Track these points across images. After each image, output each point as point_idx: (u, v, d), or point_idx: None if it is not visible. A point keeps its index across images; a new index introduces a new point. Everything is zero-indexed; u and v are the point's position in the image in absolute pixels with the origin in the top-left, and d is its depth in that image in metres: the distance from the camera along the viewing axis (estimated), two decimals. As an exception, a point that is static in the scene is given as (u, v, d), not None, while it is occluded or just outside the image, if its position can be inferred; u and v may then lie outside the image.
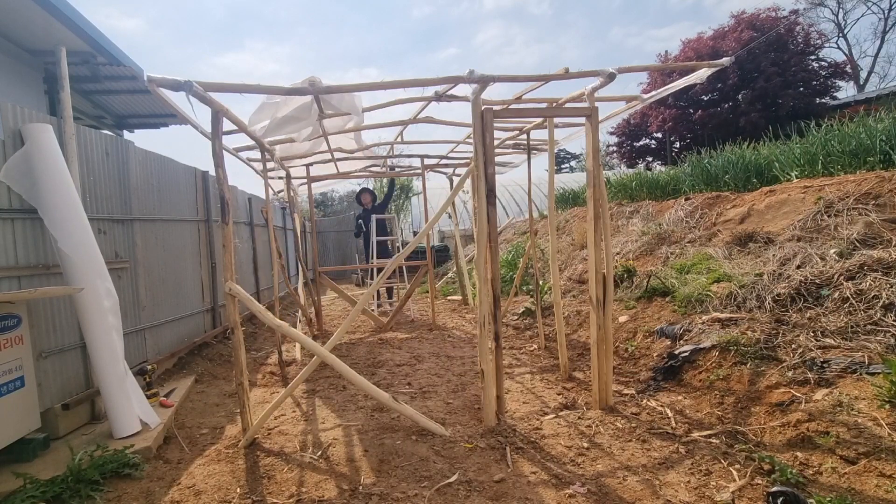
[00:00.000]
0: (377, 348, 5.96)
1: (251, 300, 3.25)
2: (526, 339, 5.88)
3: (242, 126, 3.97)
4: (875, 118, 6.52)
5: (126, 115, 8.03)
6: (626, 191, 9.60)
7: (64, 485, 2.64)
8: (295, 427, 3.60)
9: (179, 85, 2.81)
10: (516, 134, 5.50)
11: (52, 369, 3.37)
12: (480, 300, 3.29)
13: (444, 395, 4.14)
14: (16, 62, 5.51)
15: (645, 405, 3.55)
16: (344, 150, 5.84)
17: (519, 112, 4.49)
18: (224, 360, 5.57)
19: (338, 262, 16.99)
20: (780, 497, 2.21)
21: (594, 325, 3.53)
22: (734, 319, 3.98)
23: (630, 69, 3.65)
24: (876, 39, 28.59)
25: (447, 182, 9.13)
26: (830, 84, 19.44)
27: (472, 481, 2.66)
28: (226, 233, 3.23)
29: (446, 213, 9.03)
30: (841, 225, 4.40)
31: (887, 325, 3.16)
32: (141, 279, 4.55)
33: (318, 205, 26.48)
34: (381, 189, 17.65)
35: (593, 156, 3.52)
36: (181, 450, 3.31)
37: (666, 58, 21.88)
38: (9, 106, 3.16)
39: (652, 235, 6.72)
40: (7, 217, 3.11)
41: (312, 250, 7.42)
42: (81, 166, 3.70)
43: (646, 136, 23.82)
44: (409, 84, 3.29)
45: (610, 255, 3.66)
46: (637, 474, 2.64)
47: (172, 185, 5.33)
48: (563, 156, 37.23)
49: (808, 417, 2.75)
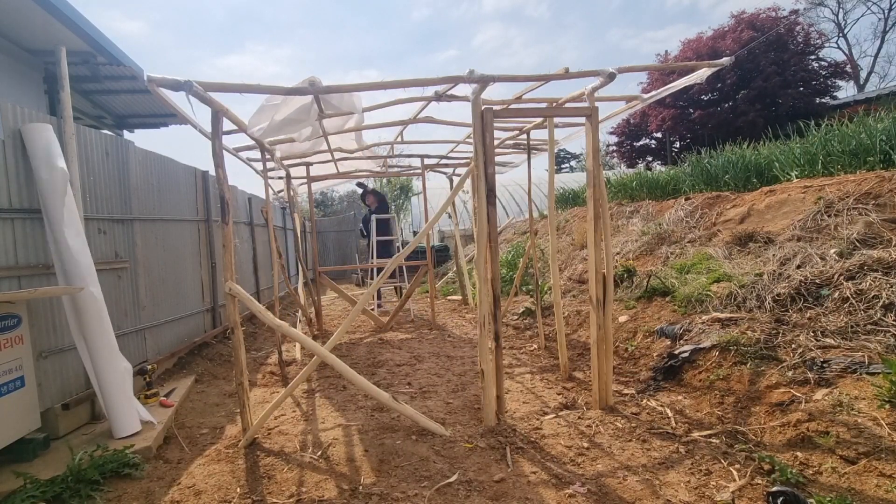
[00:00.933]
0: (377, 348, 5.96)
1: (251, 300, 3.25)
2: (526, 339, 5.88)
3: (242, 126, 3.97)
4: (875, 118, 6.52)
5: (126, 114, 8.03)
6: (626, 191, 9.60)
7: (64, 484, 2.64)
8: (295, 427, 3.60)
9: (179, 85, 2.81)
10: (516, 134, 5.50)
11: (52, 369, 3.37)
12: (480, 300, 3.29)
13: (444, 394, 4.14)
14: (16, 62, 5.51)
15: (645, 405, 3.55)
16: (344, 150, 5.84)
17: (519, 112, 4.49)
18: (224, 360, 5.57)
19: (338, 262, 16.98)
20: (780, 497, 2.21)
21: (594, 325, 3.53)
22: (734, 319, 3.98)
23: (630, 69, 3.65)
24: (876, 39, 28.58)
25: (447, 182, 9.13)
26: (830, 84, 19.43)
27: (472, 481, 2.66)
28: (226, 233, 3.23)
29: (446, 213, 9.03)
30: (841, 225, 4.40)
31: (887, 325, 3.16)
32: (141, 279, 4.55)
33: (318, 205, 26.49)
34: (380, 189, 17.66)
35: (593, 156, 3.52)
36: (181, 449, 3.31)
37: (666, 57, 21.87)
38: (9, 106, 3.16)
39: (652, 235, 6.73)
40: (7, 217, 3.10)
41: (312, 250, 7.43)
42: (81, 166, 3.70)
43: (646, 136, 23.81)
44: (409, 84, 3.29)
45: (610, 255, 3.66)
46: (637, 474, 2.64)
47: (172, 184, 5.33)
48: (563, 156, 37.24)
49: (808, 417, 2.75)
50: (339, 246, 17.45)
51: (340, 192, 29.79)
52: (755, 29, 19.00)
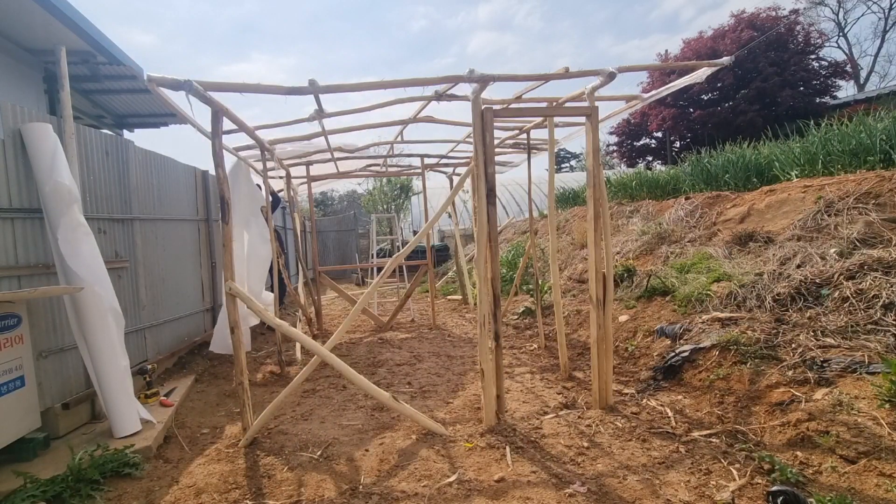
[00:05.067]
0: (377, 348, 5.97)
1: (251, 299, 3.25)
2: (526, 339, 5.88)
3: (242, 125, 3.97)
4: (875, 117, 6.51)
5: (126, 114, 8.03)
6: (626, 190, 9.60)
7: (64, 484, 2.64)
8: (295, 426, 3.60)
9: (179, 84, 2.81)
10: (516, 133, 5.50)
11: (52, 368, 3.37)
12: (480, 299, 3.29)
13: (444, 394, 4.14)
14: (16, 62, 5.51)
15: (645, 405, 3.55)
16: (344, 149, 5.84)
17: (519, 111, 4.49)
18: (224, 360, 5.57)
19: (337, 261, 16.98)
20: (780, 496, 2.21)
21: (594, 325, 3.53)
22: (734, 319, 3.98)
23: (630, 68, 3.65)
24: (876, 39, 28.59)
25: (447, 181, 9.12)
26: (830, 83, 19.41)
27: (471, 480, 2.66)
28: (226, 232, 3.23)
29: (446, 213, 9.02)
30: (841, 224, 4.40)
31: (887, 325, 3.16)
32: (141, 279, 4.55)
33: (318, 204, 26.48)
34: (380, 189, 17.62)
35: (593, 155, 3.52)
36: (181, 449, 3.31)
37: (666, 57, 21.85)
38: (9, 105, 3.16)
39: (652, 235, 6.72)
40: (7, 217, 3.10)
41: (312, 250, 7.42)
42: (81, 166, 3.70)
43: (646, 136, 23.78)
44: (409, 83, 3.29)
45: (610, 255, 3.66)
46: (637, 473, 2.64)
47: (172, 184, 5.33)
48: (563, 155, 37.21)
49: (808, 417, 2.75)
50: (339, 245, 17.45)
51: (340, 191, 29.82)
52: (755, 28, 18.98)
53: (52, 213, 3.19)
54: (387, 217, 15.64)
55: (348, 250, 17.18)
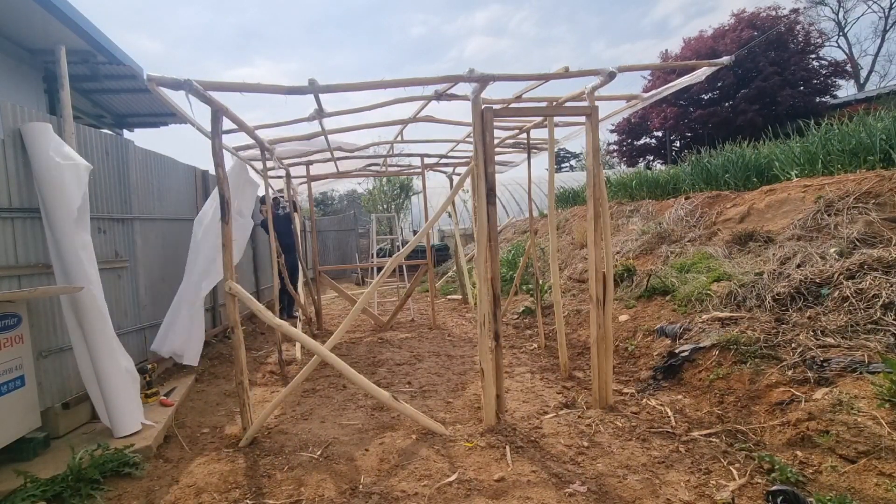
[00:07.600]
0: (377, 347, 5.97)
1: (251, 299, 3.25)
2: (526, 339, 5.88)
3: (242, 125, 3.97)
4: (875, 117, 6.51)
5: (126, 114, 8.03)
6: (626, 190, 9.59)
7: (64, 484, 2.64)
8: (295, 426, 3.60)
9: (179, 84, 2.81)
10: (516, 133, 5.50)
11: (52, 368, 3.37)
12: (480, 299, 3.29)
13: (444, 394, 4.14)
14: (15, 61, 5.51)
15: (645, 404, 3.55)
16: (344, 149, 5.84)
17: (519, 111, 4.48)
18: (224, 360, 5.57)
19: (337, 261, 16.97)
20: (780, 496, 2.21)
21: (594, 324, 3.53)
22: (734, 318, 3.98)
23: (629, 68, 3.65)
24: (876, 38, 28.50)
25: (447, 181, 9.12)
26: (830, 83, 19.42)
27: (472, 480, 2.66)
28: (226, 232, 3.23)
29: (446, 213, 9.02)
30: (841, 224, 4.40)
31: (887, 324, 3.16)
32: (141, 278, 4.55)
33: (318, 204, 26.48)
34: (380, 188, 17.61)
35: (593, 155, 3.52)
36: (181, 449, 3.31)
37: (666, 56, 21.86)
38: (9, 105, 3.16)
39: (652, 234, 6.72)
40: (7, 217, 3.10)
41: (312, 249, 7.42)
42: (81, 165, 3.70)
43: (646, 135, 23.80)
44: (409, 83, 3.29)
45: (610, 254, 3.66)
46: (637, 473, 2.64)
47: (172, 184, 5.33)
48: (563, 155, 37.17)
49: (807, 416, 2.75)
50: (339, 245, 17.44)
51: (340, 191, 29.83)
52: (755, 28, 19.00)
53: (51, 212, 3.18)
54: (387, 217, 15.65)
55: (348, 250, 17.17)
